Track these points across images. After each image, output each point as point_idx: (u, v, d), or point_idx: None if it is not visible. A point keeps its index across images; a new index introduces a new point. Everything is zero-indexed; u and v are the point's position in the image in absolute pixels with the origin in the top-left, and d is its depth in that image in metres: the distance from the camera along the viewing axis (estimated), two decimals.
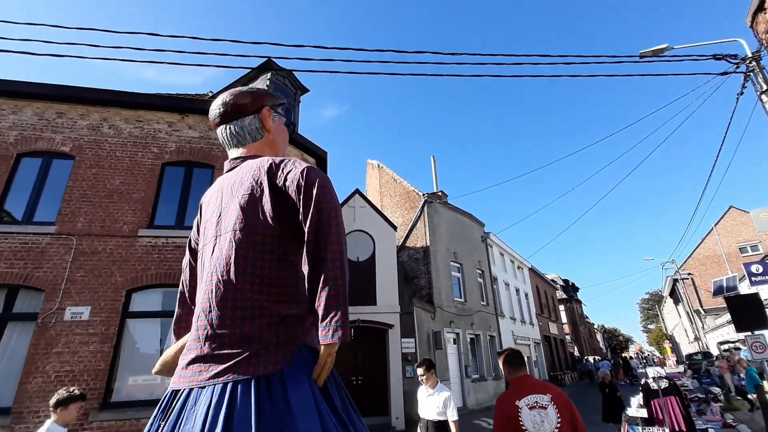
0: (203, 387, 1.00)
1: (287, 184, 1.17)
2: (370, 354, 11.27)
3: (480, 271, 18.57)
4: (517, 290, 23.83)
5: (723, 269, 33.01)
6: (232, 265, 1.11)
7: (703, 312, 31.04)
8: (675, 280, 34.34)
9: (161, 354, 1.61)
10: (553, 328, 29.96)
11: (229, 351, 1.03)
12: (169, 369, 1.29)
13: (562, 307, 38.66)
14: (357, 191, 12.92)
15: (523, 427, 2.35)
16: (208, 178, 8.44)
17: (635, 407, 5.80)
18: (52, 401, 3.31)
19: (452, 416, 4.10)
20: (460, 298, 16.14)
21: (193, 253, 1.46)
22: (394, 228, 12.86)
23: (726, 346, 16.45)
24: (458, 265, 16.71)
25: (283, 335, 1.08)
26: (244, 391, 0.97)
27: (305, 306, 1.16)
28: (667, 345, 44.30)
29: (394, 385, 11.08)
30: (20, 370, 6.45)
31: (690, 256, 34.40)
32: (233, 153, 1.43)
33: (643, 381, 5.70)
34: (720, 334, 24.99)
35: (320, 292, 1.05)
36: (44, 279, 7.04)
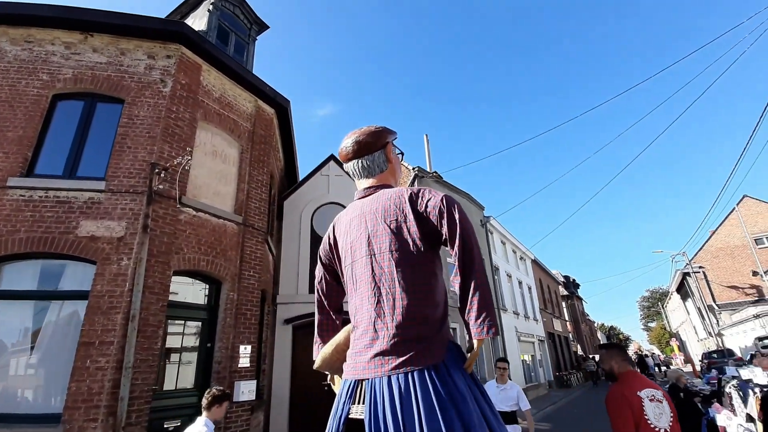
0: (389, 376, 1.25)
1: (428, 210, 1.41)
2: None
3: None
4: (520, 283, 21.72)
5: (737, 262, 31.08)
6: (396, 279, 1.36)
7: (716, 308, 29.02)
8: (685, 274, 32.32)
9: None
10: (557, 325, 27.90)
11: (404, 348, 1.27)
12: (328, 365, 1.58)
13: (563, 304, 36.63)
14: (332, 157, 10.77)
15: (647, 417, 2.29)
16: (117, 115, 6.26)
17: (736, 427, 3.78)
18: (208, 399, 3.26)
19: (526, 406, 4.30)
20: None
21: (326, 267, 1.72)
22: None
23: (762, 343, 14.46)
24: None
25: (440, 334, 1.32)
26: (421, 378, 1.22)
27: (445, 309, 1.41)
28: (674, 343, 42.34)
29: None
30: None
31: (701, 248, 32.35)
32: (364, 183, 1.67)
33: (760, 388, 3.67)
34: (742, 329, 22.95)
35: (472, 297, 1.30)
36: None
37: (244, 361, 6.25)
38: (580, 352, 35.51)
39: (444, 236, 1.37)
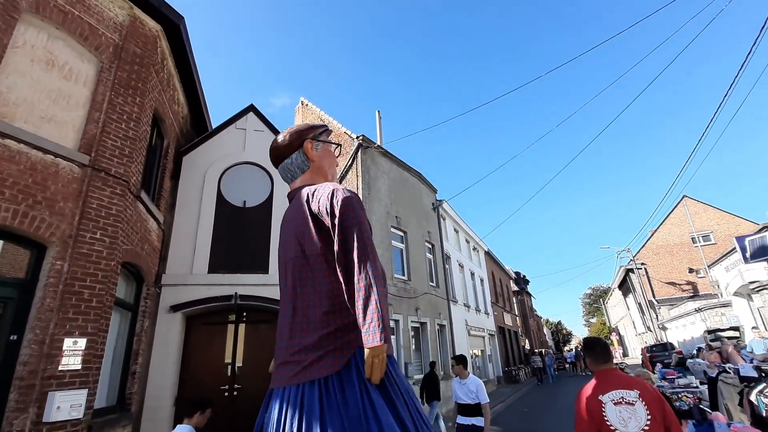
0: (284, 387, 1.24)
1: (320, 209, 1.32)
2: (256, 347, 7.20)
3: (430, 246, 15.02)
4: (473, 274, 20.70)
5: (676, 259, 32.32)
6: (296, 286, 1.33)
7: (656, 303, 29.93)
8: (629, 270, 33.22)
9: None
10: (508, 319, 27.42)
11: (299, 358, 1.23)
12: None
13: (514, 299, 36.63)
14: (251, 107, 8.77)
15: (608, 423, 2.12)
16: None
17: None
18: (192, 404, 3.16)
19: (484, 399, 4.55)
20: (403, 275, 12.44)
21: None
22: None
23: (711, 336, 14.26)
24: (401, 234, 13.01)
25: (340, 342, 1.23)
26: (310, 391, 1.17)
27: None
28: (613, 337, 44.00)
29: None
30: None
31: (644, 245, 33.38)
32: (292, 186, 1.61)
33: None
34: (681, 323, 23.45)
35: (357, 301, 1.18)
36: None
37: (70, 362, 4.22)
38: (528, 347, 35.66)
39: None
